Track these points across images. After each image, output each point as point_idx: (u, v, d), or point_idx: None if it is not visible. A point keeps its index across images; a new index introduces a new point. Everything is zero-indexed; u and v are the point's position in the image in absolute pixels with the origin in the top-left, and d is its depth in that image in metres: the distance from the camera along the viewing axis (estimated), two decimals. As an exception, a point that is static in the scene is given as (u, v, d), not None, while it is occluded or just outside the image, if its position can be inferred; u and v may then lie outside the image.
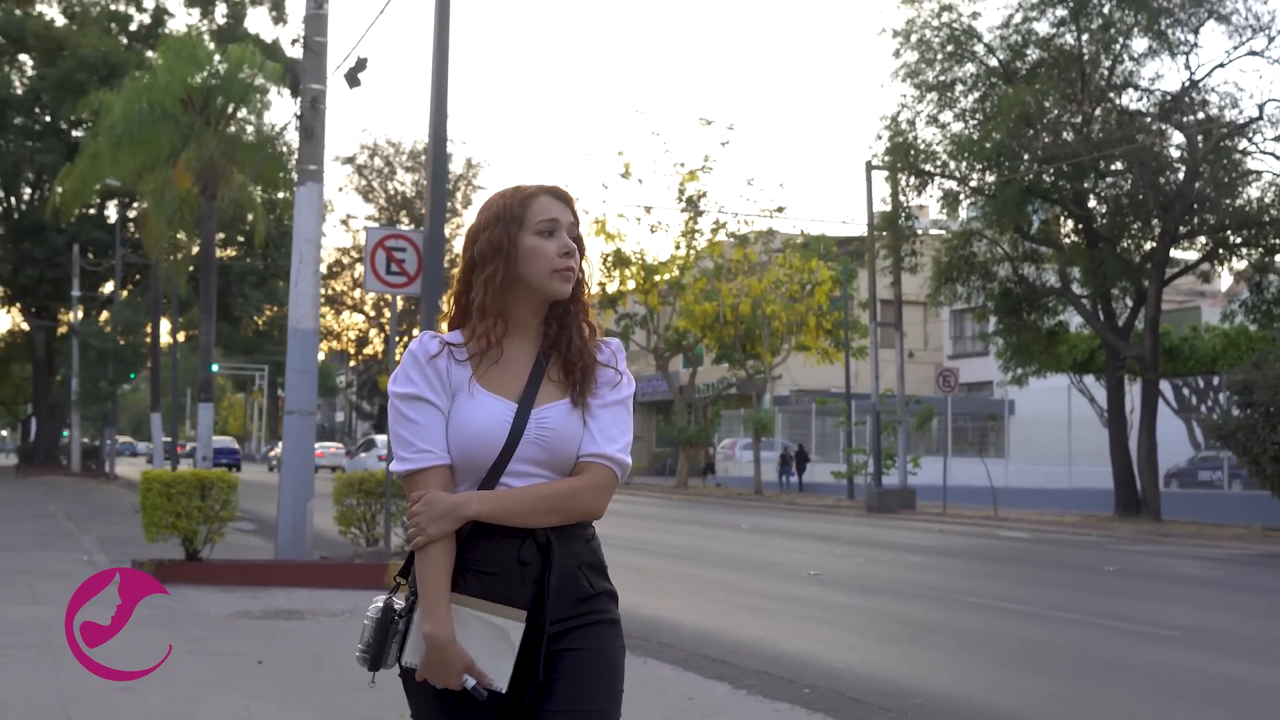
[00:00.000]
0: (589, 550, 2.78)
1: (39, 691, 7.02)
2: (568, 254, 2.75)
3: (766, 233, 42.62)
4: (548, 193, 2.81)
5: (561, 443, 2.70)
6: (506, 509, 2.66)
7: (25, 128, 48.70)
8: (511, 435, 2.68)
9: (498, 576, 2.66)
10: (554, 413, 2.72)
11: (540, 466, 2.69)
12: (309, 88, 14.21)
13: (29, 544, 16.88)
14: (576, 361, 2.76)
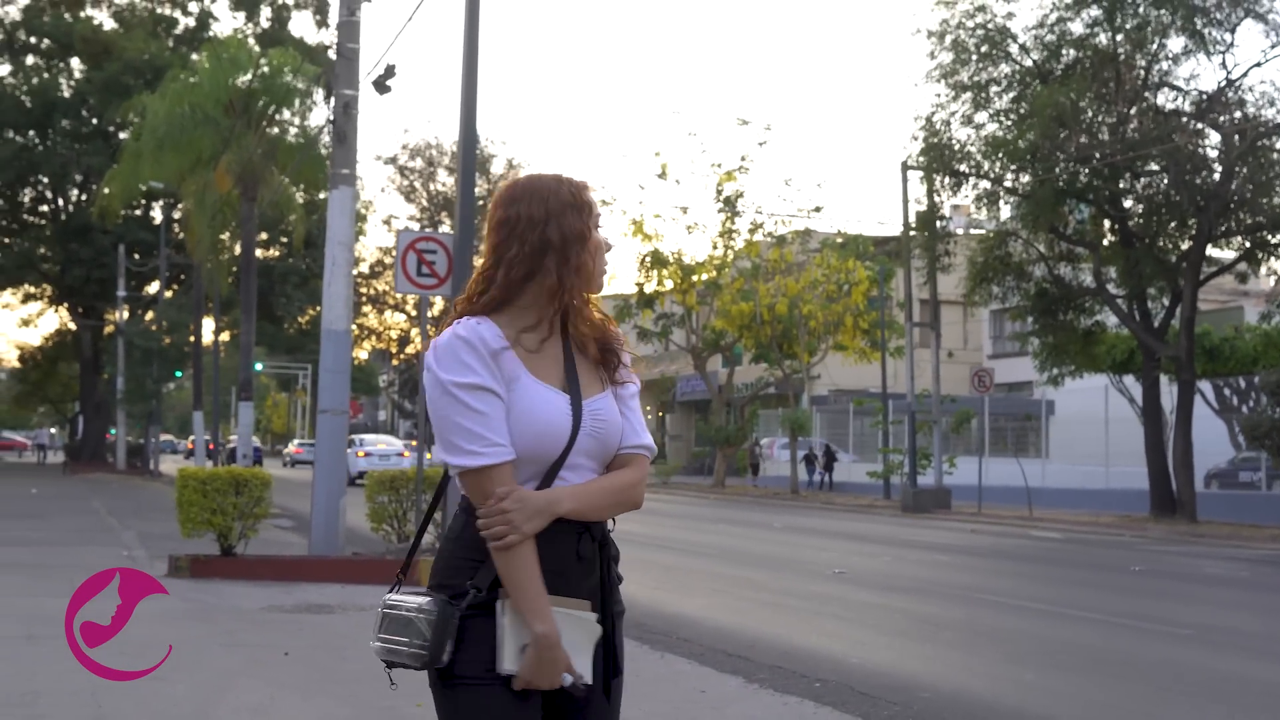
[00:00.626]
0: (612, 543, 2.80)
1: (71, 679, 7.28)
2: (609, 250, 2.79)
3: (804, 233, 42.70)
4: (588, 188, 2.80)
5: (612, 433, 2.70)
6: (589, 504, 2.65)
7: (73, 130, 49.46)
8: (574, 427, 2.65)
9: (560, 574, 2.61)
10: (604, 404, 2.72)
11: (591, 458, 2.68)
12: (342, 93, 14.50)
13: (72, 539, 17.27)
14: (610, 352, 2.78)
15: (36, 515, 21.87)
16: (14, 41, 51.19)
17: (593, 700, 2.69)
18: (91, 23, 50.64)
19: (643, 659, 8.94)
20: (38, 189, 52.00)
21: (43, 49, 51.22)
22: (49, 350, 59.59)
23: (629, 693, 7.52)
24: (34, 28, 50.76)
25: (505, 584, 2.57)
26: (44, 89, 49.34)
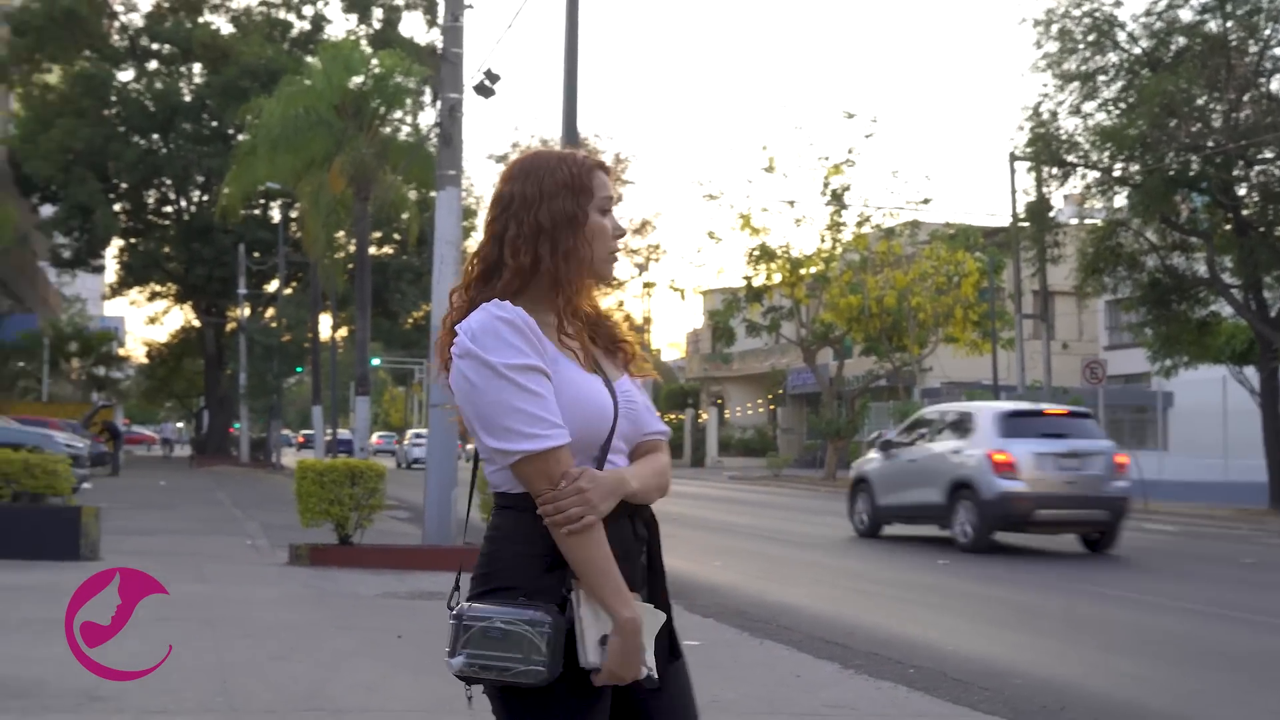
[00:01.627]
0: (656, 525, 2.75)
1: (200, 658, 7.74)
2: (620, 235, 2.67)
3: (912, 225, 42.52)
4: (601, 168, 2.68)
5: (640, 416, 2.65)
6: (648, 485, 2.60)
7: (194, 133, 50.85)
8: (615, 410, 2.59)
9: (624, 559, 2.52)
10: (629, 386, 2.68)
11: (625, 441, 2.62)
12: (447, 96, 14.93)
13: (199, 529, 17.95)
14: (622, 339, 2.73)
15: (165, 506, 22.69)
16: (137, 48, 52.81)
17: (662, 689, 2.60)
18: (210, 28, 52.02)
19: (742, 645, 9.21)
20: (161, 191, 53.55)
21: (164, 55, 52.75)
22: (175, 347, 61.30)
23: (726, 676, 7.84)
24: (156, 34, 52.30)
25: (582, 571, 2.46)
26: (166, 93, 50.83)
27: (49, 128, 48.38)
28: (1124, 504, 16.66)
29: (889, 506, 18.26)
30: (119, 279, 56.44)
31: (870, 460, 19.68)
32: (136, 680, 6.95)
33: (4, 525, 12.71)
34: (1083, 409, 20.98)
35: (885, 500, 18.29)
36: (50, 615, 9.12)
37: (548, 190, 2.58)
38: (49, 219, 50.54)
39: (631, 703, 2.61)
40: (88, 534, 12.84)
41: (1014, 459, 16.05)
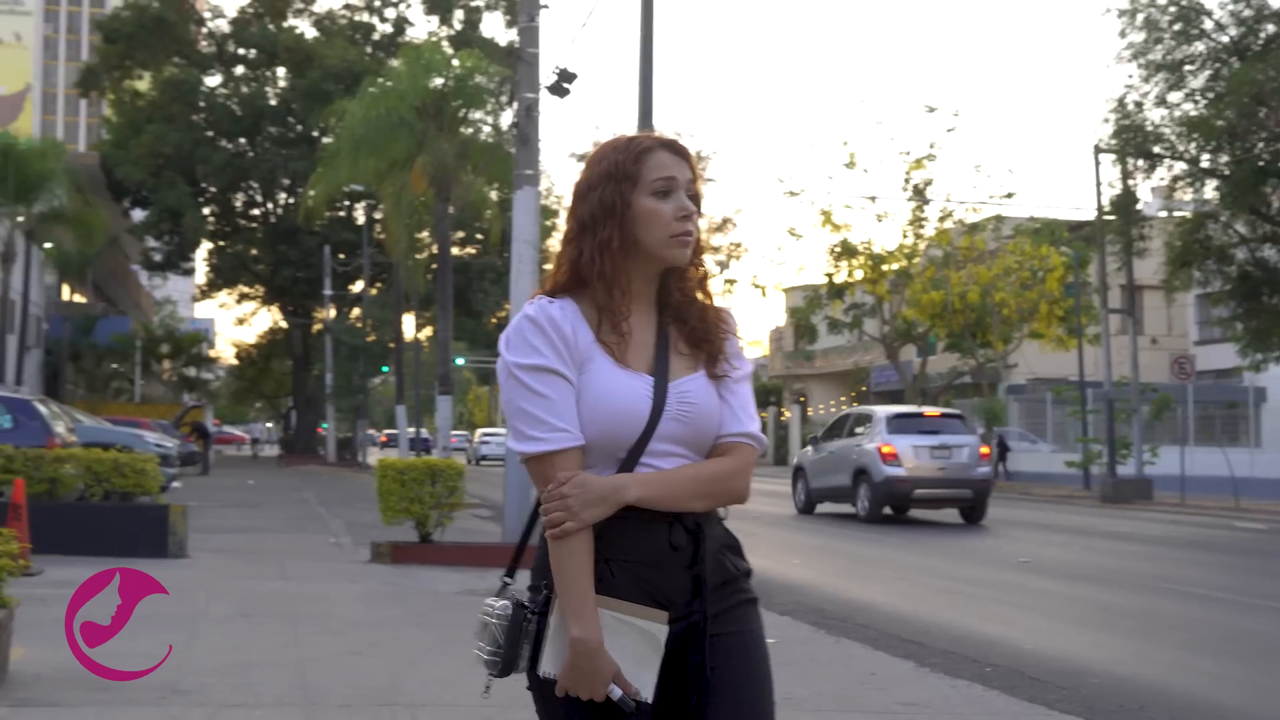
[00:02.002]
0: (724, 532, 2.61)
1: (280, 653, 7.88)
2: (685, 217, 2.53)
3: (996, 219, 42.05)
4: (664, 146, 2.58)
5: (704, 418, 2.53)
6: (666, 493, 2.47)
7: (279, 137, 51.61)
8: (654, 411, 2.48)
9: (653, 566, 2.47)
10: (695, 386, 2.54)
11: (679, 445, 2.51)
12: (524, 96, 15.02)
13: (284, 527, 18.23)
14: (709, 332, 2.60)
15: (252, 505, 23.05)
16: (224, 54, 53.68)
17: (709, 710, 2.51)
18: (294, 32, 52.76)
19: (817, 643, 9.19)
20: (248, 194, 54.41)
21: (250, 59, 53.59)
22: (263, 348, 62.26)
23: (800, 673, 7.83)
24: (242, 39, 53.14)
25: (555, 578, 2.43)
26: (252, 98, 51.63)
27: (139, 133, 49.38)
28: (986, 485, 21.44)
29: (818, 489, 22.74)
30: (208, 281, 57.46)
31: (805, 453, 24.15)
32: (218, 675, 7.12)
33: (95, 523, 13.00)
34: (954, 411, 25.87)
35: (815, 484, 22.78)
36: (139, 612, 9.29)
37: (593, 182, 2.57)
38: (140, 223, 51.55)
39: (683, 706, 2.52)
40: (175, 532, 13.09)
41: (897, 450, 20.52)
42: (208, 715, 6.20)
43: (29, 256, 40.28)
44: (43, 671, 6.94)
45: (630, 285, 2.56)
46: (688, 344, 2.59)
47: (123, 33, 51.38)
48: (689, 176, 2.57)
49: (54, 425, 16.30)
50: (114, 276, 63.97)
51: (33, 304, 42.87)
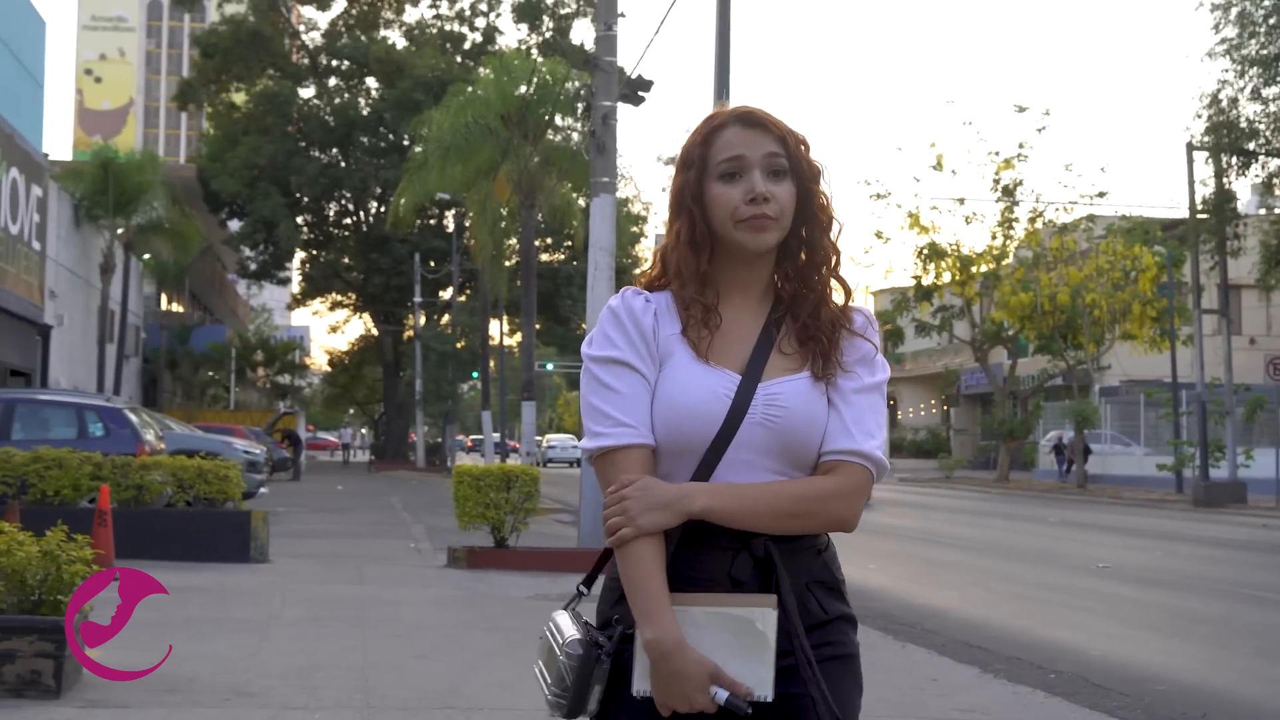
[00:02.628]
0: (820, 564, 2.27)
1: (346, 657, 8.05)
2: (755, 199, 2.24)
3: (1087, 219, 41.49)
4: (737, 120, 2.31)
5: (796, 426, 2.21)
6: (742, 508, 2.17)
7: (371, 146, 52.35)
8: (733, 412, 2.20)
9: None
10: (788, 388, 2.24)
11: (768, 455, 2.21)
12: (600, 105, 15.14)
13: (367, 532, 18.52)
14: (820, 329, 2.29)
15: (339, 510, 23.43)
16: (317, 65, 54.58)
17: None
18: (386, 43, 53.46)
19: (883, 648, 9.18)
20: (341, 203, 55.24)
21: (342, 70, 54.42)
22: (355, 354, 63.11)
23: (858, 679, 7.82)
24: (334, 51, 54.00)
25: (625, 587, 2.19)
26: (344, 109, 52.43)
27: (235, 146, 50.37)
28: None
29: None
30: (302, 289, 58.41)
31: None
32: (283, 678, 7.29)
33: (180, 528, 13.33)
34: None
35: None
36: (212, 615, 9.60)
37: (676, 170, 2.37)
38: (236, 233, 52.54)
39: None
40: (257, 537, 13.37)
41: None
42: (269, 717, 6.36)
43: (127, 267, 41.23)
44: (115, 673, 7.14)
45: (721, 277, 2.31)
46: (796, 342, 2.29)
47: (219, 47, 52.45)
48: (768, 150, 2.27)
49: (144, 433, 16.72)
50: (211, 285, 65.25)
51: (131, 313, 43.86)
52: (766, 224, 2.24)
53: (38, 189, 30.76)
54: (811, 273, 2.33)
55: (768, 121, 2.30)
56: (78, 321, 37.48)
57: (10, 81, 32.25)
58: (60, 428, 16.57)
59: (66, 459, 13.34)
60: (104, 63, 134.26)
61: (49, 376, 33.10)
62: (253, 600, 10.50)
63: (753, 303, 2.33)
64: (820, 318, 2.30)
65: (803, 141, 2.33)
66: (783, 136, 2.29)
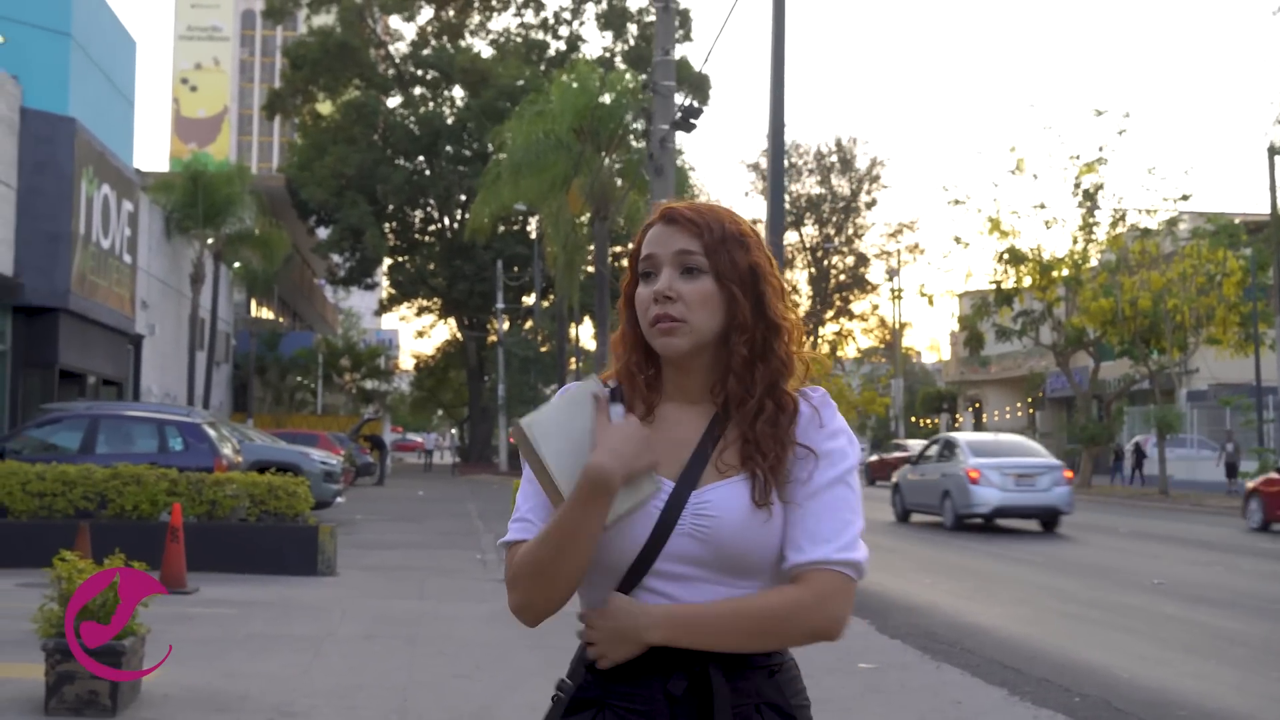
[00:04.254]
0: (773, 685, 2.12)
1: (390, 676, 8.43)
2: (660, 300, 2.11)
3: (1170, 223, 41.02)
4: (661, 218, 2.18)
5: (729, 537, 2.06)
6: (700, 629, 2.05)
7: (455, 155, 53.15)
8: (661, 524, 2.07)
9: (645, 715, 2.08)
10: (717, 495, 2.08)
11: (704, 568, 2.07)
12: (658, 129, 15.45)
13: (436, 542, 18.97)
14: (759, 441, 2.11)
15: (415, 519, 23.94)
16: (403, 75, 55.47)
17: None
18: (471, 52, 54.22)
19: (917, 668, 9.40)
20: (426, 211, 56.11)
21: (428, 80, 55.27)
22: (441, 359, 64.03)
23: (885, 700, 8.13)
24: (420, 60, 54.85)
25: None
26: (430, 118, 53.27)
27: (323, 155, 51.40)
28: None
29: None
30: (389, 295, 59.39)
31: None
32: (326, 697, 7.69)
33: (251, 543, 13.86)
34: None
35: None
36: (272, 631, 10.05)
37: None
38: (324, 241, 53.57)
39: None
40: (324, 551, 13.86)
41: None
42: (307, 736, 6.75)
43: (217, 276, 42.28)
44: (172, 692, 7.59)
45: (667, 379, 2.19)
46: (738, 455, 2.12)
47: (308, 58, 53.56)
48: (678, 248, 2.12)
49: (221, 447, 17.33)
50: (300, 292, 66.54)
51: (221, 321, 44.96)
52: (671, 326, 2.10)
53: (129, 204, 31.72)
54: (749, 380, 2.14)
55: (688, 218, 2.14)
56: (169, 330, 38.54)
57: (102, 101, 33.29)
58: (142, 442, 17.23)
59: (144, 475, 13.94)
60: (199, 72, 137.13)
61: (141, 385, 34.12)
62: (313, 616, 10.94)
63: (696, 408, 2.18)
64: (757, 433, 2.11)
65: (733, 237, 2.15)
66: (700, 233, 2.12)
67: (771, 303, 2.17)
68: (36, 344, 26.35)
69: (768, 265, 2.19)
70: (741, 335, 2.14)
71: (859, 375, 72.79)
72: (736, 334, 2.14)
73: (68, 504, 13.80)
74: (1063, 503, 22.65)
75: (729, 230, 2.15)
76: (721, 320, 2.14)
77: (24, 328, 26.21)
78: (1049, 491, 22.57)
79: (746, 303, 2.14)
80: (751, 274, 2.16)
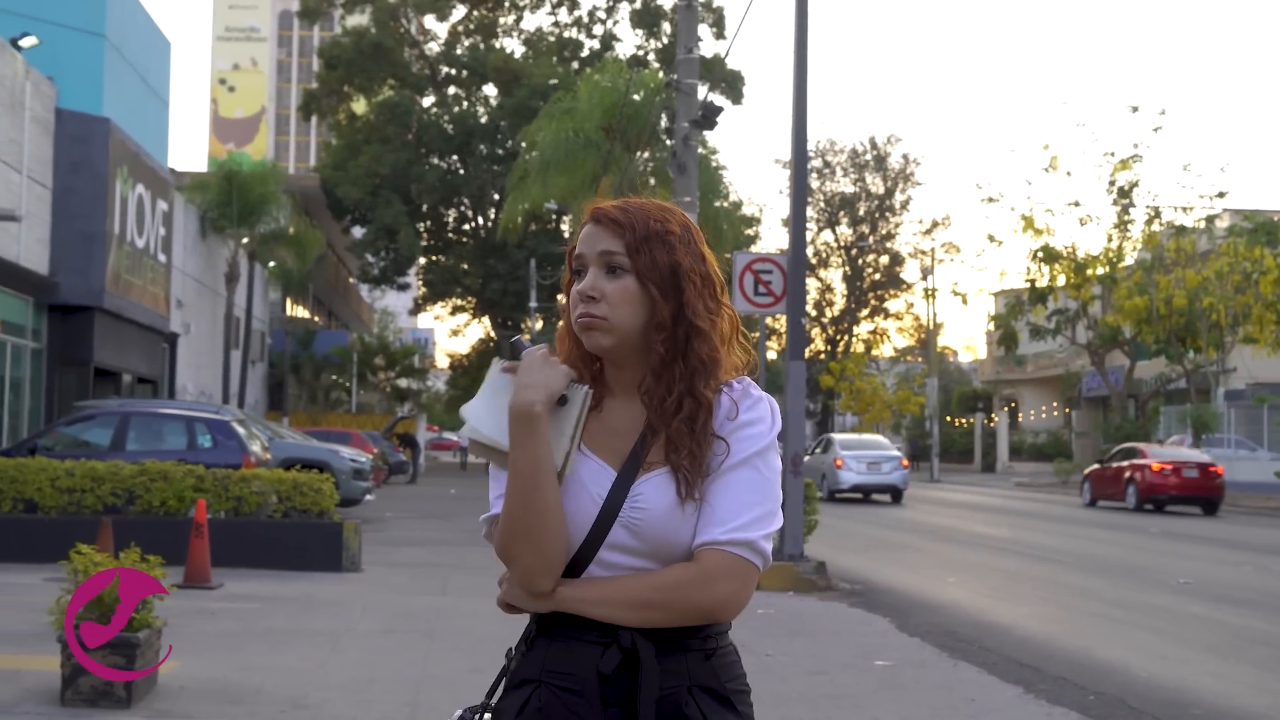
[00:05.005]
0: (707, 669, 2.16)
1: (405, 670, 8.49)
2: (584, 299, 2.17)
3: (1207, 220, 40.75)
4: (591, 218, 2.23)
5: (657, 526, 2.12)
6: (594, 596, 2.12)
7: (489, 154, 53.25)
8: (604, 511, 2.13)
9: (579, 695, 2.11)
10: (648, 488, 2.14)
11: (637, 556, 2.13)
12: (680, 126, 15.48)
13: (464, 541, 18.99)
14: (676, 435, 2.15)
15: (444, 516, 24.02)
16: (436, 74, 55.67)
17: None
18: (504, 52, 54.34)
19: (934, 666, 9.39)
20: (460, 210, 56.27)
21: (461, 79, 55.44)
22: (475, 358, 64.17)
23: (898, 698, 8.13)
24: (453, 60, 55.04)
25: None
26: (463, 117, 53.42)
27: (357, 155, 51.62)
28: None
29: None
30: (423, 294, 59.60)
31: None
32: (340, 690, 7.76)
33: (276, 539, 13.96)
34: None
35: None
36: (291, 626, 10.13)
37: None
38: (359, 240, 53.81)
39: None
40: (349, 547, 13.95)
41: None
42: (317, 729, 6.81)
43: (251, 275, 42.56)
44: (188, 684, 7.67)
45: (608, 371, 2.25)
46: (664, 450, 2.17)
47: (342, 59, 53.78)
48: (602, 248, 2.17)
49: (249, 444, 17.46)
50: (335, 291, 66.86)
51: (256, 319, 45.25)
52: (593, 322, 2.16)
53: (163, 204, 31.99)
54: (667, 381, 2.18)
55: (612, 219, 2.18)
56: (204, 329, 38.84)
57: (137, 101, 33.59)
58: (171, 439, 17.39)
59: (171, 472, 14.08)
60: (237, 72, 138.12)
61: (176, 384, 34.39)
62: (333, 611, 11.02)
63: (636, 401, 2.22)
64: (673, 432, 2.15)
65: (656, 236, 2.18)
66: (623, 233, 2.17)
67: (691, 302, 2.20)
68: (72, 342, 26.62)
69: (692, 263, 2.21)
70: (659, 334, 2.18)
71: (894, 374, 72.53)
72: (654, 333, 2.18)
73: (96, 500, 13.95)
74: (900, 481, 31.32)
75: (653, 229, 2.18)
76: (644, 319, 2.18)
77: (59, 326, 26.48)
78: (891, 474, 31.26)
79: (665, 304, 2.18)
80: (672, 273, 2.18)
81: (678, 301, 2.19)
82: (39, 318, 26.06)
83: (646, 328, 2.18)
